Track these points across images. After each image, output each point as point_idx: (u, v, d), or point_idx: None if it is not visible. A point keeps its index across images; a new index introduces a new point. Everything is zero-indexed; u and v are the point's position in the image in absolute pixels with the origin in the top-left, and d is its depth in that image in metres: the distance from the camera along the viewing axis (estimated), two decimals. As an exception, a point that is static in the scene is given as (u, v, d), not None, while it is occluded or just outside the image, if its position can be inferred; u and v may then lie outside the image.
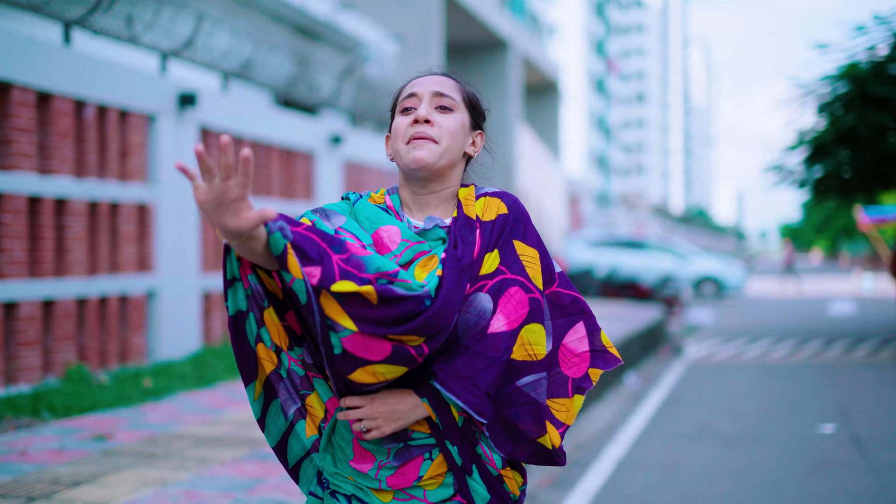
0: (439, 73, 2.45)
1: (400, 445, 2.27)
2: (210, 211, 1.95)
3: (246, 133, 11.86)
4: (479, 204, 2.39)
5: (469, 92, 2.45)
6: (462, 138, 2.40)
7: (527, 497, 6.80)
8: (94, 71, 9.14)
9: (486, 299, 2.27)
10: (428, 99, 2.36)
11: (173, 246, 10.34)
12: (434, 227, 2.34)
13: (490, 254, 2.32)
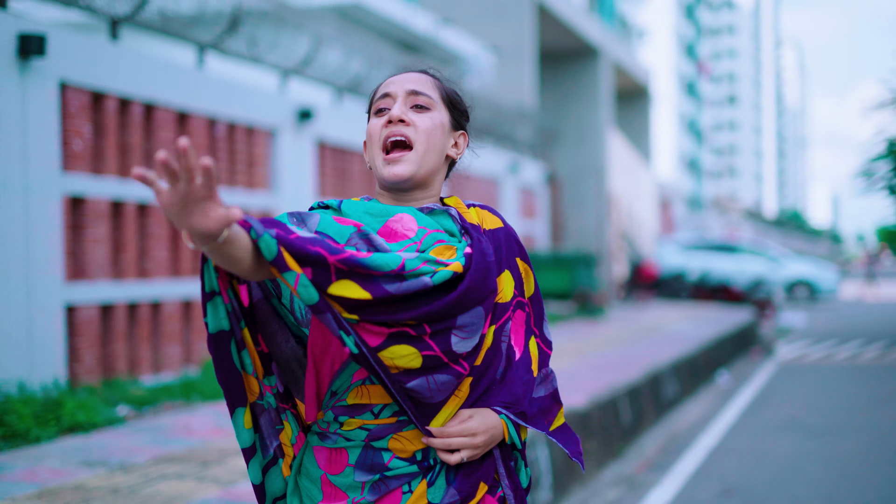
0: (415, 71, 2.28)
1: (376, 477, 2.09)
2: (176, 214, 1.79)
3: (357, 144, 12.68)
4: (474, 213, 2.27)
5: (449, 89, 2.28)
6: (442, 139, 2.22)
7: (626, 479, 7.48)
8: (224, 91, 10.02)
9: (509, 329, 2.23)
10: (402, 97, 2.19)
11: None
12: (445, 213, 2.22)
13: (506, 273, 2.23)
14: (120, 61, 8.60)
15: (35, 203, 7.58)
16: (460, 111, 2.29)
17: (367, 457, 2.09)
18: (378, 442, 2.08)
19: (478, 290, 2.07)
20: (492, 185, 17.98)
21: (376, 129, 2.18)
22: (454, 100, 2.27)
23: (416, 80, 2.22)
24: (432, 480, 2.10)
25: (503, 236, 2.24)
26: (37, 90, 7.63)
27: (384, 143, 2.17)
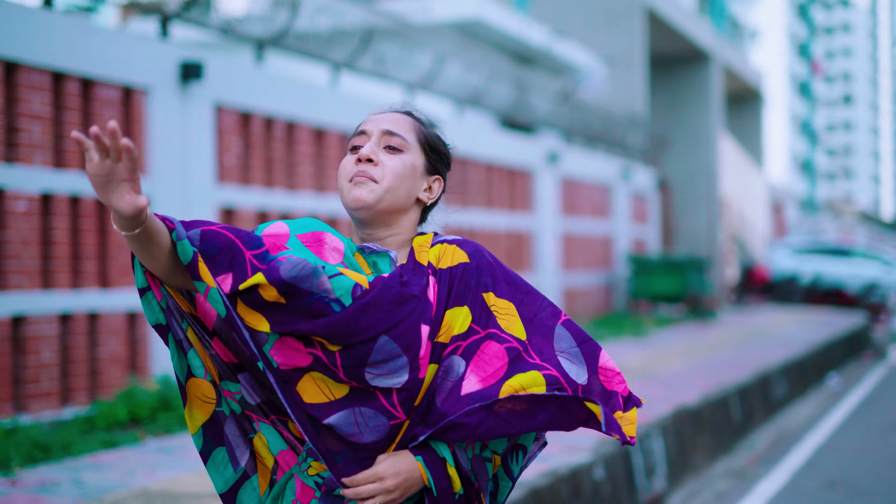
0: (397, 110, 2.28)
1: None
2: (100, 186, 1.87)
3: (476, 154, 13.35)
4: (434, 251, 2.20)
5: (428, 133, 2.25)
6: (410, 181, 2.19)
7: (736, 472, 7.97)
8: (355, 107, 10.76)
9: (459, 362, 2.11)
10: (377, 137, 2.19)
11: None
12: (385, 255, 2.19)
13: (460, 309, 2.14)
14: (265, 83, 9.40)
15: (195, 213, 8.40)
16: (438, 155, 2.26)
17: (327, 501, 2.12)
18: (333, 491, 2.10)
19: (380, 315, 2.03)
20: (604, 191, 18.50)
21: (347, 165, 2.19)
22: (432, 144, 2.25)
23: (393, 121, 2.21)
24: None
25: (460, 273, 2.16)
26: (195, 111, 8.46)
27: (351, 178, 2.17)
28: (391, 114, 2.25)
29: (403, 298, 2.06)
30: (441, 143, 2.27)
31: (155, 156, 8.06)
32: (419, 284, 2.10)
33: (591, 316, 17.33)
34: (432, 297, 2.11)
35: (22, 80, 7.07)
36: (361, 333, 2.02)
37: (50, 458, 5.76)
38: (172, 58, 8.23)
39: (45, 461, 5.70)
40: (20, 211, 7.03)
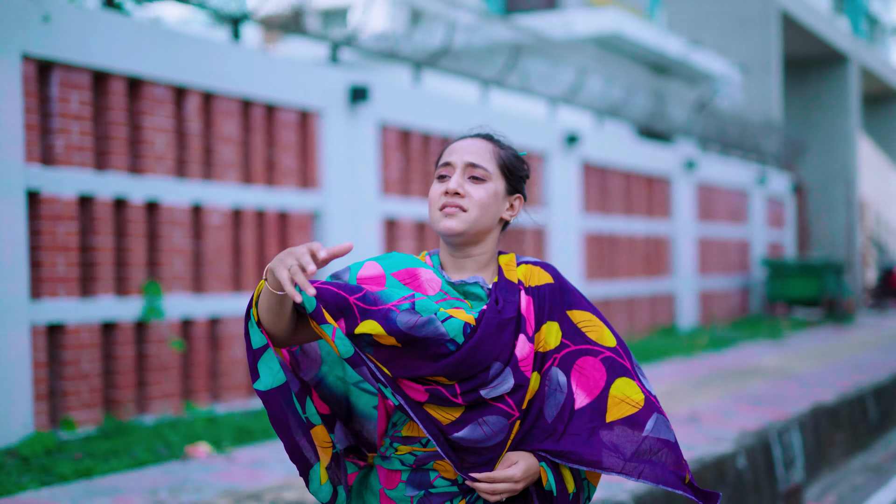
0: (479, 136, 2.43)
1: (422, 494, 2.31)
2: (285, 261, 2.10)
3: (615, 163, 13.94)
4: (522, 270, 2.41)
5: (506, 157, 2.42)
6: (495, 206, 2.37)
7: (873, 468, 8.37)
8: (504, 121, 11.47)
9: (558, 372, 2.33)
10: (461, 169, 2.35)
11: (562, 259, 12.54)
12: (475, 284, 2.38)
13: (552, 324, 2.36)
14: (423, 102, 10.19)
15: (362, 224, 9.22)
16: (517, 177, 2.43)
17: (416, 476, 2.33)
18: (425, 465, 2.32)
19: (490, 345, 2.25)
20: (740, 196, 18.85)
21: (436, 195, 2.36)
22: (511, 168, 2.40)
23: (475, 152, 2.36)
24: (472, 500, 2.33)
25: (548, 291, 2.38)
26: (362, 130, 9.28)
27: (441, 208, 2.35)
28: (473, 141, 2.40)
29: (504, 324, 2.28)
30: (519, 163, 2.44)
31: (326, 171, 8.90)
32: (513, 302, 2.32)
33: (727, 319, 17.71)
34: (526, 311, 2.33)
35: (217, 108, 7.97)
36: (478, 365, 2.24)
37: (254, 440, 6.59)
38: (342, 82, 9.06)
39: (251, 442, 6.53)
40: (214, 224, 7.92)
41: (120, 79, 7.21)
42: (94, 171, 7.03)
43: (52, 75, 6.79)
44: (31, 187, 6.58)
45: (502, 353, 2.26)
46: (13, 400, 6.33)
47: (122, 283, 7.27)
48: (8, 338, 6.32)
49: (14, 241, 6.39)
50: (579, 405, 2.30)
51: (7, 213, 6.35)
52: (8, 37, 6.39)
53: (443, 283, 2.35)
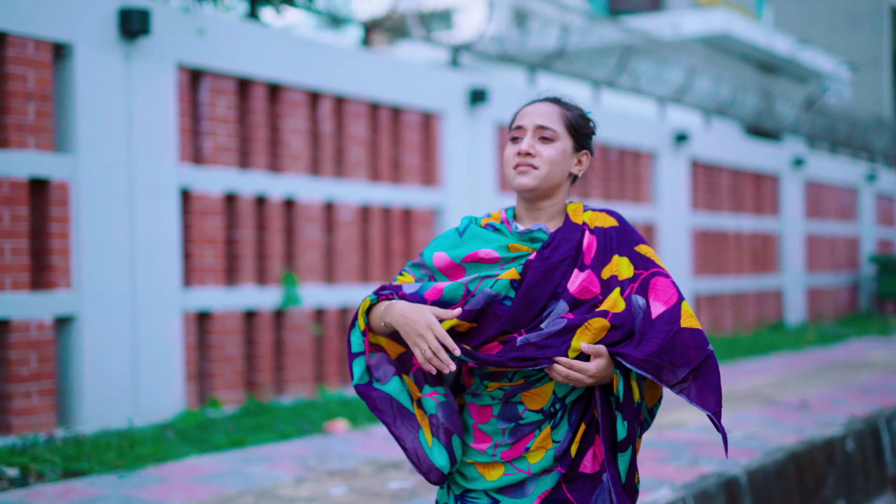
0: (548, 100, 2.65)
1: (512, 425, 2.54)
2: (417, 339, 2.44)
3: (723, 161, 14.20)
4: (588, 215, 2.64)
5: (572, 117, 2.62)
6: (563, 163, 2.59)
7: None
8: (615, 121, 11.86)
9: (638, 298, 2.51)
10: (531, 132, 2.57)
11: (672, 254, 12.86)
12: (538, 230, 2.59)
13: (621, 258, 2.56)
14: (537, 103, 10.63)
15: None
16: (583, 135, 2.63)
17: (505, 410, 2.55)
18: (513, 398, 2.55)
19: (539, 289, 2.50)
20: (850, 193, 18.88)
21: (510, 155, 2.60)
22: (577, 127, 2.61)
23: (544, 115, 2.59)
24: (555, 424, 2.54)
25: (614, 232, 2.59)
26: (481, 130, 9.75)
27: (515, 166, 2.59)
28: (542, 105, 2.62)
29: (551, 268, 2.51)
30: (584, 122, 2.64)
31: (447, 170, 9.39)
32: (572, 241, 2.55)
33: (835, 315, 17.77)
34: (587, 247, 2.56)
35: (348, 110, 8.52)
36: (532, 311, 2.49)
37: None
38: (462, 85, 9.55)
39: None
40: (345, 219, 8.47)
41: (261, 84, 7.80)
42: (238, 169, 7.63)
43: (202, 82, 7.40)
44: (183, 185, 7.20)
45: (555, 291, 2.50)
46: (169, 380, 6.95)
47: (263, 273, 7.86)
48: (164, 323, 6.94)
49: (169, 235, 7.01)
50: (656, 314, 2.49)
51: (163, 210, 6.98)
52: (166, 49, 7.01)
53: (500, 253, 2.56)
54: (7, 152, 6.17)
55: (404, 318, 2.46)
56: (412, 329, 2.43)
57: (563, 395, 2.54)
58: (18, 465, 5.06)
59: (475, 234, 2.62)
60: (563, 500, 2.54)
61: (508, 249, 2.57)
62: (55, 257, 6.39)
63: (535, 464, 2.53)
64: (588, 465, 2.55)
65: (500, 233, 2.61)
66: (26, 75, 6.30)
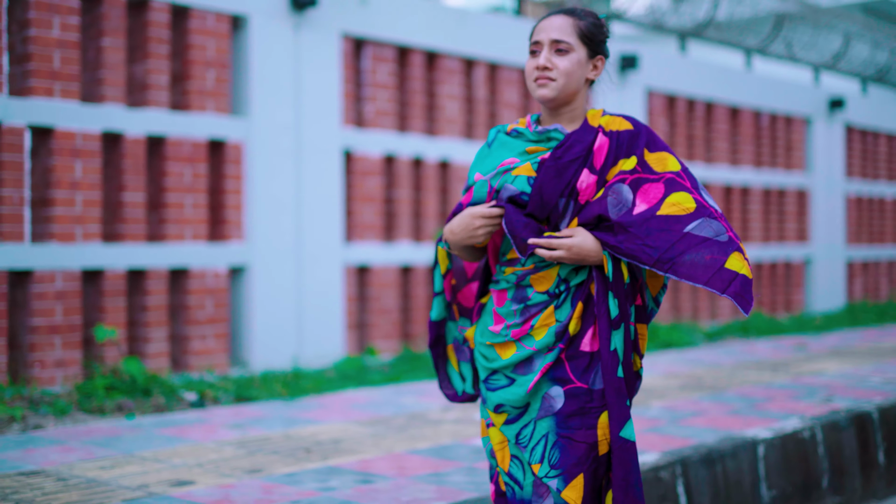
0: (561, 12, 2.80)
1: (522, 306, 2.77)
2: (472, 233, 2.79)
3: (880, 128, 14.05)
4: (605, 119, 2.79)
5: (585, 27, 2.76)
6: (579, 71, 2.75)
7: None
8: (767, 87, 11.93)
9: (626, 190, 2.69)
10: (548, 46, 2.74)
11: (825, 221, 12.86)
12: (555, 129, 2.79)
13: (627, 160, 2.72)
14: (687, 69, 10.82)
15: (629, 183, 9.98)
16: (597, 42, 2.78)
17: (518, 293, 2.79)
18: (523, 281, 2.79)
19: (552, 187, 2.71)
20: None
21: (530, 68, 2.78)
22: (590, 36, 2.76)
23: (558, 28, 2.74)
24: (559, 304, 2.75)
25: (627, 136, 2.74)
26: (631, 96, 10.02)
27: (535, 79, 2.77)
28: (556, 18, 2.77)
29: (564, 166, 2.70)
30: (597, 29, 2.79)
31: (598, 135, 9.69)
32: (585, 142, 2.72)
33: None
34: (598, 148, 2.72)
35: (501, 77, 8.92)
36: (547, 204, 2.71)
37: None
38: (613, 51, 9.83)
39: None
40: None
41: (419, 52, 8.27)
42: (396, 133, 8.13)
43: (364, 50, 7.92)
44: (346, 147, 7.73)
45: (565, 189, 2.70)
46: (330, 328, 7.52)
47: (418, 231, 8.35)
48: (326, 276, 7.51)
49: (332, 193, 7.56)
50: (637, 210, 2.65)
51: (327, 170, 7.53)
52: (331, 19, 7.54)
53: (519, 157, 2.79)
54: (189, 115, 6.80)
55: (455, 232, 2.81)
56: (465, 231, 2.78)
57: (566, 276, 2.73)
58: (197, 391, 5.68)
59: (500, 143, 2.88)
60: (564, 378, 2.72)
61: (527, 152, 2.79)
62: (230, 212, 7.01)
63: (539, 340, 2.73)
64: (587, 343, 2.73)
65: (522, 136, 2.84)
66: (206, 45, 6.91)
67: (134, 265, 6.50)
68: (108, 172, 6.57)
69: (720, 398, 5.92)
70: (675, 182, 2.69)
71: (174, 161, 6.73)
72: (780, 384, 6.54)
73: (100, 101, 6.43)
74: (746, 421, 5.16)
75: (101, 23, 6.46)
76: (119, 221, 6.52)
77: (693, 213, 2.65)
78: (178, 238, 6.74)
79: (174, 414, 5.26)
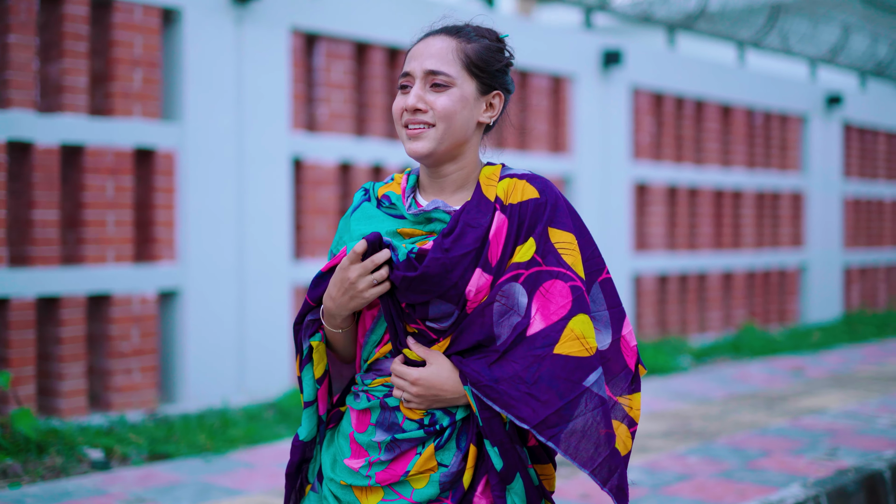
0: (442, 33, 2.14)
1: (389, 439, 2.09)
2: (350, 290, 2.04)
3: (880, 125, 13.31)
4: (503, 185, 2.12)
5: (473, 53, 2.11)
6: (465, 113, 2.10)
7: None
8: (760, 83, 11.17)
9: (520, 291, 2.05)
10: (421, 79, 2.10)
11: (821, 225, 12.12)
12: (435, 209, 2.12)
13: (524, 244, 2.08)
14: (676, 65, 10.05)
15: (612, 189, 9.23)
16: (491, 73, 2.13)
17: (385, 417, 2.10)
18: (392, 400, 2.10)
19: (435, 285, 2.03)
20: None
21: (397, 110, 2.13)
22: (480, 64, 2.11)
23: (435, 56, 2.09)
24: (440, 444, 2.08)
25: (531, 207, 2.09)
26: (614, 94, 9.27)
27: (405, 125, 2.12)
28: (434, 41, 2.12)
29: (452, 264, 2.03)
30: (491, 55, 2.13)
31: (577, 136, 8.94)
32: (479, 228, 2.06)
33: None
34: (495, 235, 2.07)
35: (471, 74, 8.15)
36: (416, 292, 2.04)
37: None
38: (595, 46, 9.06)
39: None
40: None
41: (380, 49, 7.49)
42: (353, 137, 7.35)
43: (317, 47, 7.14)
44: (295, 154, 6.95)
45: (448, 292, 2.03)
46: (276, 357, 6.74)
47: (379, 245, 7.58)
48: (272, 298, 6.74)
49: (279, 206, 6.78)
50: (533, 331, 2.02)
51: (274, 180, 6.75)
52: (279, 12, 6.75)
53: (396, 225, 2.13)
54: (112, 120, 6.02)
55: (334, 297, 2.06)
56: (343, 293, 2.04)
57: (441, 407, 2.07)
58: (103, 447, 4.90)
59: (365, 216, 2.16)
60: None
61: (400, 234, 2.12)
62: (160, 229, 6.24)
63: (419, 490, 2.07)
64: (482, 496, 2.08)
65: (394, 209, 2.15)
66: (132, 41, 6.13)
67: (45, 292, 5.71)
68: (14, 187, 5.78)
69: (710, 451, 5.17)
70: (582, 297, 2.06)
71: (94, 173, 5.94)
72: (776, 429, 5.79)
73: (5, 105, 5.63)
74: (740, 489, 4.41)
75: (7, 17, 5.66)
76: (28, 243, 5.73)
77: (593, 358, 2.03)
78: (98, 260, 5.95)
79: (70, 480, 4.47)
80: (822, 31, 12.68)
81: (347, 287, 2.04)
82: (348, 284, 2.03)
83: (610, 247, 9.18)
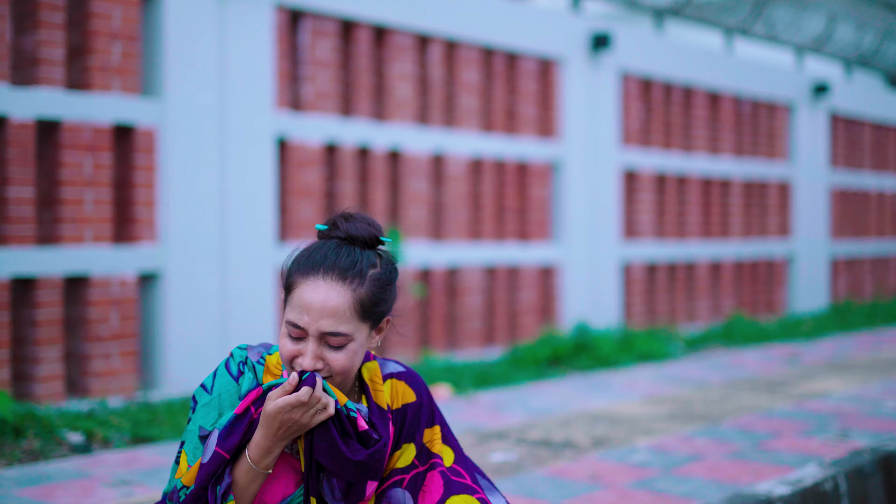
0: (334, 279, 2.06)
1: None
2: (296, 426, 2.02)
3: (866, 115, 13.20)
4: (388, 389, 2.20)
5: (366, 297, 2.08)
6: (361, 354, 2.11)
7: None
8: (748, 70, 11.01)
9: (406, 496, 2.15)
10: (315, 340, 2.05)
11: (808, 215, 11.98)
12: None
13: (407, 445, 2.17)
14: (665, 51, 9.88)
15: (601, 176, 9.05)
16: (383, 310, 2.13)
17: None
18: None
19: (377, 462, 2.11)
20: None
21: (288, 353, 2.07)
22: (372, 307, 2.09)
23: (331, 314, 2.03)
24: None
25: (410, 412, 2.17)
26: (603, 79, 9.08)
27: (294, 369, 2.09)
28: (327, 293, 2.04)
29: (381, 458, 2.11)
30: (382, 293, 2.12)
31: (566, 121, 8.75)
32: (387, 437, 2.12)
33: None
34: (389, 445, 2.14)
35: (459, 56, 7.95)
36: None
37: (493, 385, 6.58)
38: (584, 30, 8.87)
39: (489, 387, 6.51)
40: (454, 173, 7.92)
41: (366, 27, 7.27)
42: (339, 117, 7.13)
43: (302, 23, 6.91)
44: (279, 133, 6.72)
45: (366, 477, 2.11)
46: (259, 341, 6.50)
47: (365, 229, 7.35)
48: (256, 281, 6.50)
49: (263, 187, 6.55)
50: None
51: (257, 160, 6.51)
52: (260, -16, 6.53)
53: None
54: (89, 95, 5.76)
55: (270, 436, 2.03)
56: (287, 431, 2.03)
57: None
58: (83, 431, 4.65)
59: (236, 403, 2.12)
60: None
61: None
62: (140, 209, 5.99)
63: None
64: None
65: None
66: (111, 13, 5.88)
67: (20, 272, 5.45)
68: (-12, 163, 5.53)
69: (717, 433, 4.98)
70: (452, 480, 2.16)
71: (71, 150, 5.69)
72: (782, 411, 5.61)
73: (-23, 77, 5.39)
74: (755, 469, 4.21)
75: (-20, -16, 5.42)
76: (2, 221, 5.46)
77: None
78: (76, 240, 5.70)
79: (49, 463, 4.22)
80: (809, 20, 12.55)
81: (297, 429, 2.02)
82: (298, 427, 2.02)
83: (599, 234, 8.99)
